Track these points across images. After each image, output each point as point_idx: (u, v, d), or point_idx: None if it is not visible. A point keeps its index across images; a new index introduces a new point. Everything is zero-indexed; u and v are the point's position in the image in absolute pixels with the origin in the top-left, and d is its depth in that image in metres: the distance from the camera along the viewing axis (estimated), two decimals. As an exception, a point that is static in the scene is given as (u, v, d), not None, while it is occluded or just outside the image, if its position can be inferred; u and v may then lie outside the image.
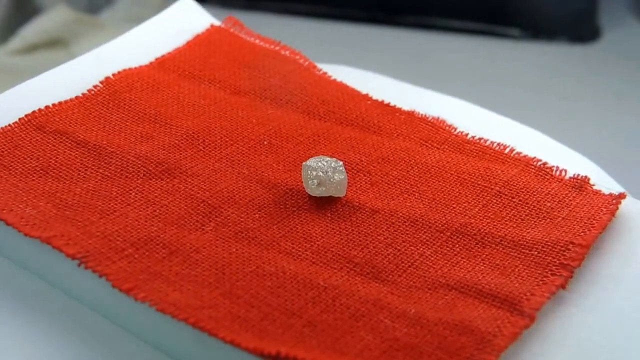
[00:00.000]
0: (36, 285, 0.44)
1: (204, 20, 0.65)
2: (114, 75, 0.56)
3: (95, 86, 0.55)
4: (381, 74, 0.65)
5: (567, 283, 0.42)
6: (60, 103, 0.53)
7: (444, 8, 1.28)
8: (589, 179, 0.49)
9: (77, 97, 0.54)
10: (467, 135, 0.53)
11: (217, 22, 0.65)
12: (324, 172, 0.46)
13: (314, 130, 0.53)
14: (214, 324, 0.37)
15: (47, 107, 0.52)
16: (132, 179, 0.47)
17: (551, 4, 1.29)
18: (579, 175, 0.49)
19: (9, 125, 0.51)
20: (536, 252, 0.43)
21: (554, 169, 0.50)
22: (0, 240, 0.45)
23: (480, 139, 0.52)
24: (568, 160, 0.57)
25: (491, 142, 0.52)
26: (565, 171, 0.49)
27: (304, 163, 0.47)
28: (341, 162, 0.47)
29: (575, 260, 0.42)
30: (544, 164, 0.50)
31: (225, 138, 0.52)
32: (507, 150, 0.52)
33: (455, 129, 0.53)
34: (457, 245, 0.44)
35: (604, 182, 0.54)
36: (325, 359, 0.36)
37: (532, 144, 0.58)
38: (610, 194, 0.48)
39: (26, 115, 0.51)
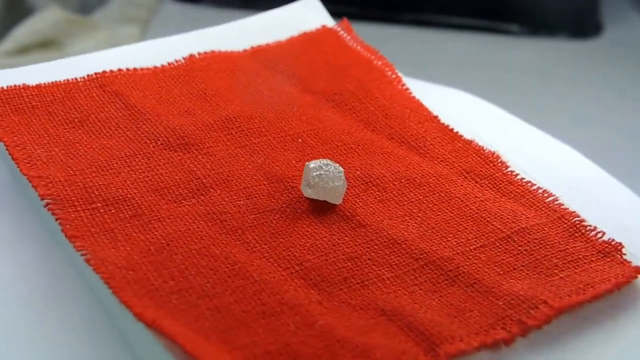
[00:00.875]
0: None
1: (322, 20, 0.65)
2: (199, 54, 0.58)
3: (177, 60, 0.57)
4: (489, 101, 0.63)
5: (513, 341, 0.38)
6: (134, 69, 0.56)
7: (442, 5, 1.26)
8: (622, 247, 0.45)
9: (155, 67, 0.56)
10: (516, 175, 0.50)
11: (331, 24, 0.64)
12: (318, 175, 0.45)
13: (358, 139, 0.52)
14: (123, 284, 0.39)
15: (119, 69, 0.55)
16: (148, 145, 0.49)
17: (552, -1, 1.27)
18: (613, 240, 0.45)
19: (76, 78, 0.54)
20: (501, 303, 0.40)
21: (590, 228, 0.46)
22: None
23: (528, 182, 0.49)
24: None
25: (538, 187, 0.49)
26: (603, 233, 0.45)
27: (306, 163, 0.47)
28: (342, 170, 0.46)
29: (536, 321, 0.39)
30: (581, 220, 0.46)
31: (262, 128, 0.52)
32: (549, 199, 0.48)
33: (507, 167, 0.50)
34: (422, 276, 0.42)
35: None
36: (201, 343, 0.36)
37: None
38: (636, 267, 0.43)
39: (95, 73, 0.54)
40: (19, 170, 0.45)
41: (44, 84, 0.53)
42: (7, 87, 0.52)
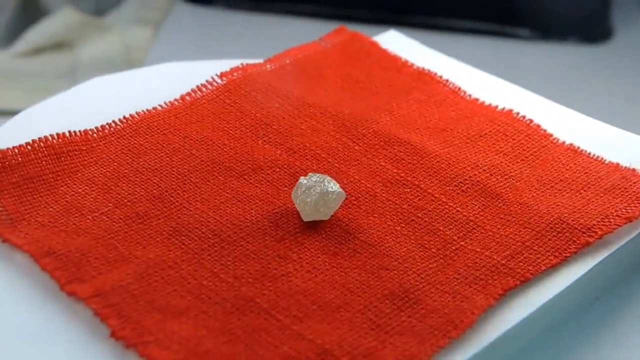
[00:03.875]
0: None
1: None
2: (429, 70, 0.64)
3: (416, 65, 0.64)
4: None
5: None
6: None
7: (451, 8, 1.26)
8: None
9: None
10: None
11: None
12: (305, 184, 0.44)
13: (434, 206, 0.47)
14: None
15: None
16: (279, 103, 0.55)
17: (562, 3, 1.27)
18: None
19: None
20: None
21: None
22: None
23: None
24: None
25: None
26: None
27: (320, 175, 0.45)
28: (323, 193, 0.44)
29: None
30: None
31: (365, 134, 0.53)
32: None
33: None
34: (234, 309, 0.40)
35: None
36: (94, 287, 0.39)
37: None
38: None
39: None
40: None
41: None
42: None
